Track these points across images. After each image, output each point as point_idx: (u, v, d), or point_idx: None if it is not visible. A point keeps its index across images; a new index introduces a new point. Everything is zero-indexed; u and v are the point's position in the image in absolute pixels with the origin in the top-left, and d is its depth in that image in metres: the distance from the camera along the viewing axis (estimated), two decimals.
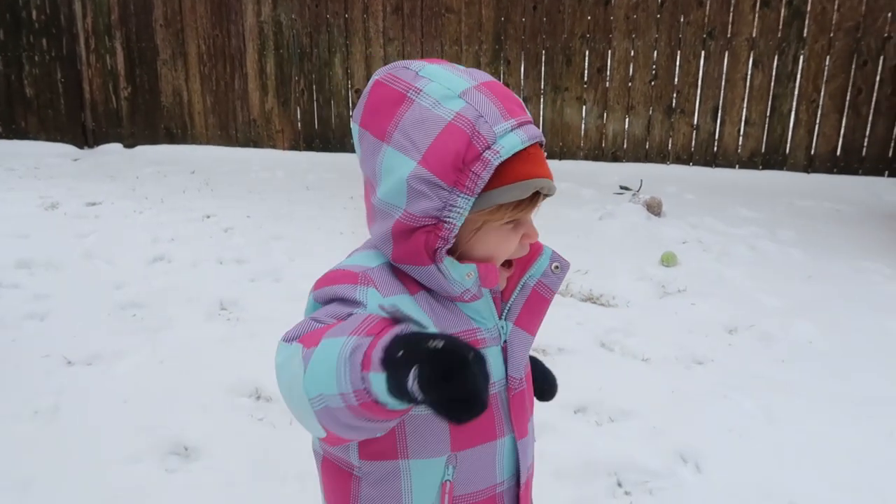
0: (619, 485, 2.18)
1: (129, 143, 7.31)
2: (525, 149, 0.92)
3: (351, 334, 0.74)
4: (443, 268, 0.93)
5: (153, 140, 7.25)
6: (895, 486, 2.17)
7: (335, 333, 0.77)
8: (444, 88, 0.92)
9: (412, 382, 0.66)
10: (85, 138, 7.38)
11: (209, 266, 4.02)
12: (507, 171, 0.90)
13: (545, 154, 0.97)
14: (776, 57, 5.53)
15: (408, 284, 0.97)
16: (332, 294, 0.92)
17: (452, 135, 0.89)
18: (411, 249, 0.92)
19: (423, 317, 0.95)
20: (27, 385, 2.71)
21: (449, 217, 0.90)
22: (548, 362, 1.25)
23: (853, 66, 5.39)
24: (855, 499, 2.12)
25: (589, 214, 4.79)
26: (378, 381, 0.69)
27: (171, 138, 7.20)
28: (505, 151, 0.89)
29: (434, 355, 0.66)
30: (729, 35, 5.61)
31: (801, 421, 2.49)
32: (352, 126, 1.01)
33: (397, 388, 0.68)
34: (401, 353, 0.68)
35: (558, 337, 3.01)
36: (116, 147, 7.31)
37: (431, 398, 0.67)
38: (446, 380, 0.65)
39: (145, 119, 7.25)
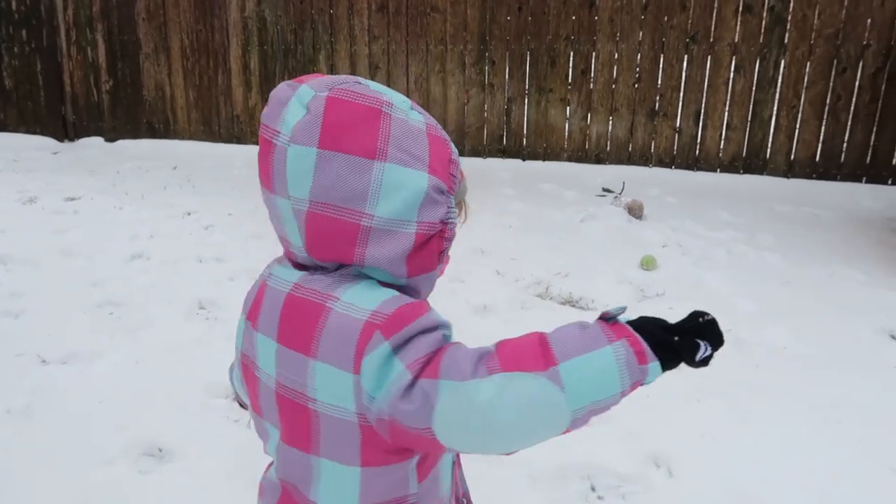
0: (593, 489, 2.20)
1: (111, 138, 7.24)
2: None
3: (614, 341, 0.87)
4: (439, 268, 0.98)
5: (135, 134, 7.18)
6: (865, 491, 2.21)
7: (584, 347, 0.87)
8: (401, 100, 0.95)
9: (703, 352, 0.89)
10: (65, 131, 7.30)
11: (189, 264, 3.99)
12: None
13: None
14: (758, 62, 5.58)
15: None
16: (415, 329, 0.88)
17: (436, 142, 0.94)
18: (426, 258, 0.95)
19: None
20: None
21: (450, 218, 0.95)
22: None
23: (833, 73, 5.44)
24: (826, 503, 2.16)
25: (571, 216, 4.81)
26: (655, 368, 0.87)
27: (153, 133, 7.14)
28: (459, 154, 1.00)
29: (708, 328, 0.90)
30: (712, 40, 5.65)
31: (774, 426, 2.52)
32: (298, 150, 0.90)
33: (673, 365, 0.88)
34: (676, 339, 0.89)
35: None
36: (97, 141, 7.24)
37: (711, 356, 0.90)
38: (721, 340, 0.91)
39: (127, 113, 7.18)
